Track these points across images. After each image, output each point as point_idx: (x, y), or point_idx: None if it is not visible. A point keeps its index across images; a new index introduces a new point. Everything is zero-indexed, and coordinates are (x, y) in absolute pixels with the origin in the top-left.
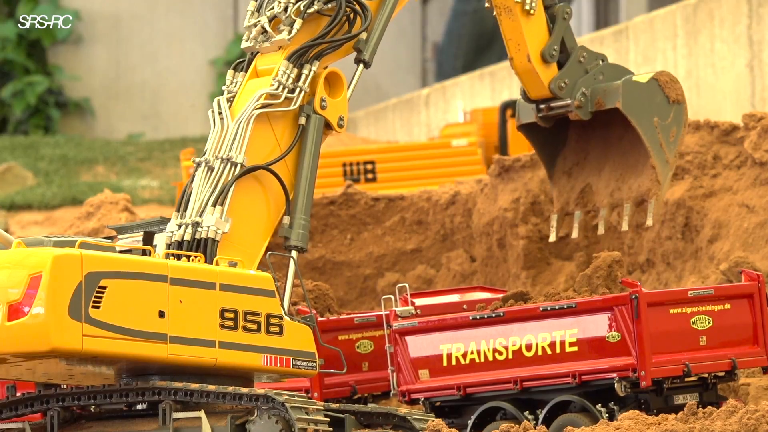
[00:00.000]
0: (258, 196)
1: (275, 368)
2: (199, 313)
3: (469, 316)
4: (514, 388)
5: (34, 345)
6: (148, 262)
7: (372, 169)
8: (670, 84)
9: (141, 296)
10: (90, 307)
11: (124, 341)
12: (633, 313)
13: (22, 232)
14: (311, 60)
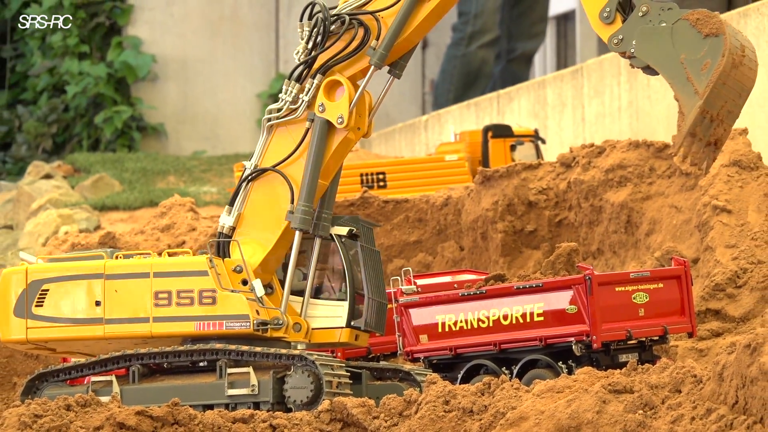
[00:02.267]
0: (271, 193)
1: (208, 332)
2: (133, 297)
3: (459, 293)
4: (494, 349)
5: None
6: (84, 266)
7: (383, 179)
8: (702, 20)
9: (79, 292)
10: (34, 306)
11: (64, 328)
12: (587, 291)
13: (111, 227)
14: (314, 74)
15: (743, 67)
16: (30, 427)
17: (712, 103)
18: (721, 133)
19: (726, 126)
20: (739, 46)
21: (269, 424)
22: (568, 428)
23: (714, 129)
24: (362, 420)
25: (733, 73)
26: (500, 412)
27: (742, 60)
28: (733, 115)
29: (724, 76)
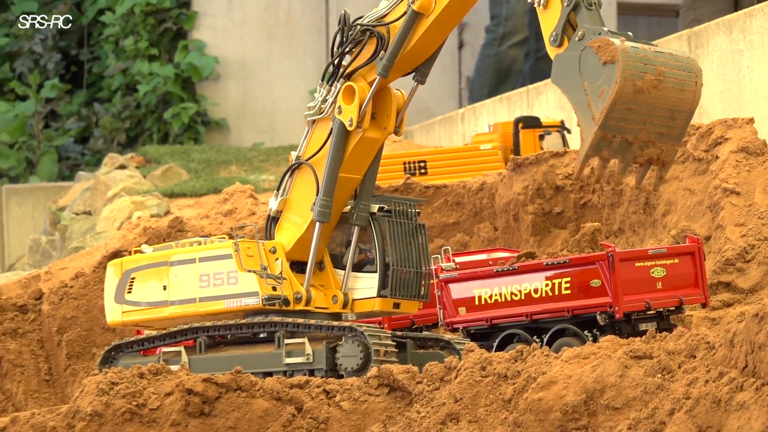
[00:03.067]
0: (308, 183)
1: (232, 308)
2: (186, 281)
3: (493, 269)
4: (525, 320)
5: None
6: (156, 255)
7: (424, 166)
8: (602, 48)
9: (153, 278)
10: (126, 292)
11: (144, 310)
12: (609, 266)
13: (179, 212)
14: (339, 79)
15: (663, 90)
16: (107, 394)
17: (611, 127)
18: (657, 153)
19: (662, 146)
20: (651, 71)
21: (323, 390)
22: (593, 391)
23: (643, 150)
24: (407, 385)
25: (639, 98)
26: (532, 377)
27: (658, 84)
28: (671, 135)
29: (623, 102)
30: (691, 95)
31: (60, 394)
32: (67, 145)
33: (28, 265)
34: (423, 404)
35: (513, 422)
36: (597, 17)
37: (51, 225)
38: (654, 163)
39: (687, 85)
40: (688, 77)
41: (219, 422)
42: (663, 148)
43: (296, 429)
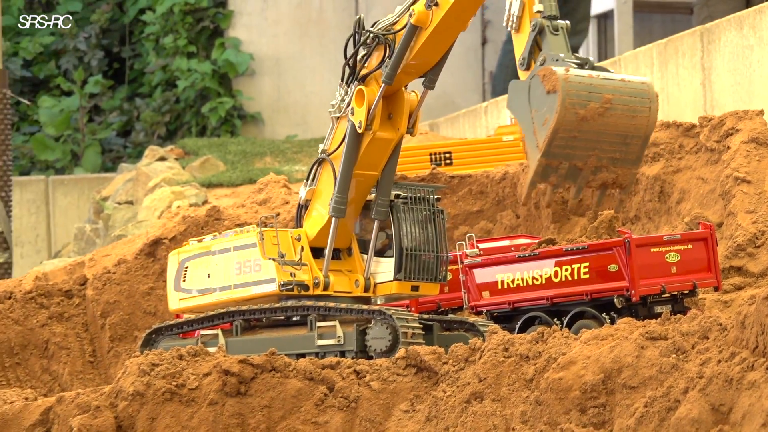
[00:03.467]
0: (330, 176)
1: (257, 295)
2: (225, 269)
3: (515, 255)
4: (546, 303)
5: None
6: (203, 246)
7: (449, 157)
8: (546, 77)
9: (201, 267)
10: (181, 281)
11: (194, 298)
12: (626, 252)
13: (216, 201)
14: (353, 81)
15: (611, 117)
16: (148, 374)
17: (555, 154)
18: (613, 177)
19: (617, 170)
20: (596, 99)
21: (353, 370)
22: (611, 370)
23: (595, 175)
24: (433, 365)
25: (583, 126)
26: (552, 357)
27: (604, 112)
28: (627, 160)
29: (565, 130)
30: (644, 121)
31: (104, 374)
32: (110, 138)
33: (74, 252)
34: (449, 384)
35: (534, 400)
36: (561, 42)
37: (95, 214)
38: (611, 186)
39: (639, 111)
40: (641, 103)
41: (254, 401)
42: (619, 172)
43: (328, 407)
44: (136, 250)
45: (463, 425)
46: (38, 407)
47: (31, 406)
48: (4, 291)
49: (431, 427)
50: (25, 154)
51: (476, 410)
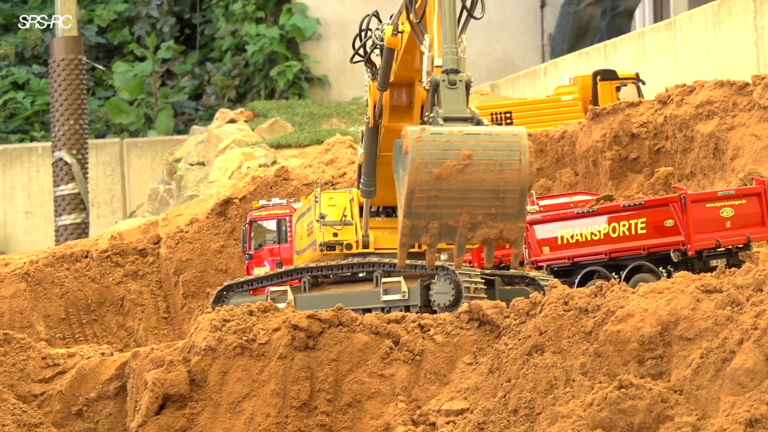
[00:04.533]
0: None
1: (307, 257)
2: (302, 231)
3: (574, 211)
4: (605, 258)
5: None
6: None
7: (510, 117)
8: (403, 138)
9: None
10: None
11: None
12: (682, 207)
13: (285, 162)
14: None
15: (474, 173)
16: (219, 330)
17: (418, 215)
18: (496, 232)
19: (500, 225)
20: (454, 156)
21: (418, 324)
22: (667, 323)
23: (475, 232)
24: (495, 319)
25: (442, 184)
26: (611, 311)
27: (463, 168)
28: (507, 214)
29: (421, 190)
30: (514, 174)
31: (177, 330)
32: (182, 101)
33: (148, 212)
34: (510, 337)
35: (594, 353)
36: (458, 97)
37: (168, 175)
38: (496, 242)
39: (508, 165)
40: (509, 156)
41: (322, 355)
42: (501, 227)
43: (393, 361)
44: (208, 210)
45: (525, 377)
46: (114, 362)
47: (108, 361)
48: (81, 250)
49: (494, 379)
50: (101, 118)
51: (537, 362)
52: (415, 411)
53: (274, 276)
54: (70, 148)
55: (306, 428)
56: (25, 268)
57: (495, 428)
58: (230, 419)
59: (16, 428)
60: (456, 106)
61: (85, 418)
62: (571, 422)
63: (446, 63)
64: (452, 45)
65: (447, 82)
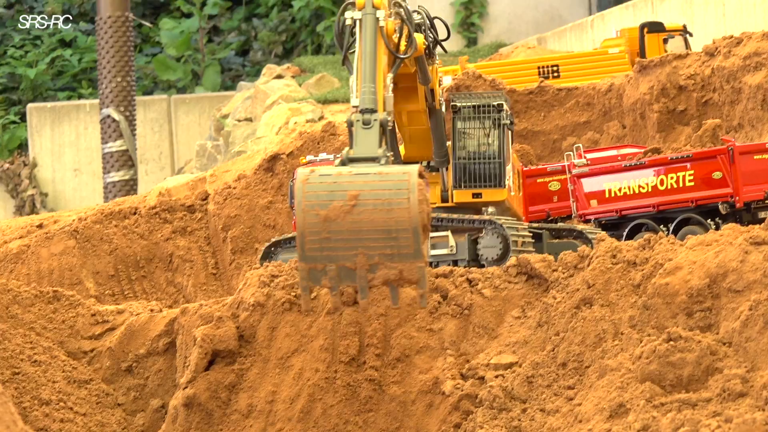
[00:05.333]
0: None
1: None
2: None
3: (622, 164)
4: (653, 210)
5: None
6: None
7: (557, 70)
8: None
9: None
10: None
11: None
12: (730, 159)
13: (332, 117)
14: None
15: (362, 214)
16: (267, 285)
17: (313, 258)
18: (396, 273)
19: (399, 266)
20: (341, 197)
21: (466, 278)
22: (716, 275)
23: (375, 273)
24: (543, 273)
25: (332, 226)
26: (659, 263)
27: (351, 209)
28: (405, 254)
29: (310, 232)
30: (404, 213)
31: (226, 286)
32: (229, 57)
33: (196, 169)
34: (558, 290)
35: (642, 305)
36: (371, 137)
37: (215, 131)
38: (399, 283)
39: (396, 204)
40: (398, 195)
41: (371, 310)
42: (401, 268)
43: (442, 315)
44: (256, 166)
45: (573, 330)
46: (163, 318)
47: (157, 317)
48: (129, 207)
49: (542, 333)
50: (148, 75)
51: (585, 316)
52: (464, 365)
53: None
54: (117, 105)
55: (355, 383)
56: (74, 226)
57: (544, 382)
58: (279, 374)
59: (67, 385)
60: (367, 147)
61: (134, 374)
62: (619, 375)
63: (362, 102)
64: (370, 84)
65: (362, 121)
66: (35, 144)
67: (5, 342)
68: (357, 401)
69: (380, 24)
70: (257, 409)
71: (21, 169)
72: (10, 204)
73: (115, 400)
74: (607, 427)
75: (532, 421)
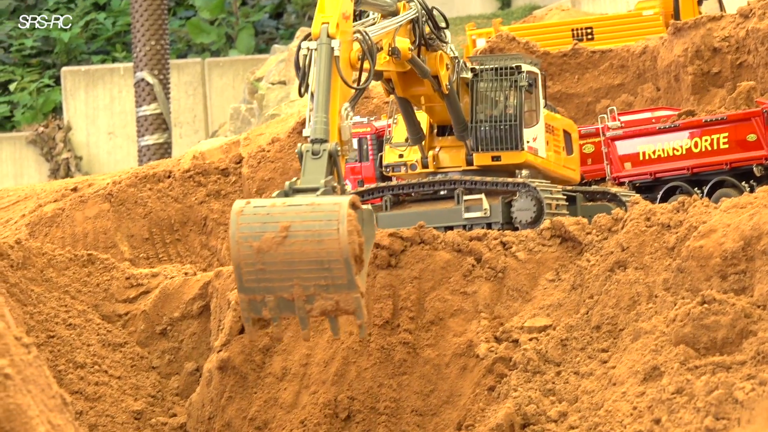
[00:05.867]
0: None
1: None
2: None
3: (656, 126)
4: (687, 173)
5: None
6: None
7: (591, 32)
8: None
9: None
10: None
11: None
12: (764, 122)
13: None
14: None
15: (294, 245)
16: None
17: (251, 289)
18: (332, 304)
19: (334, 296)
20: (272, 228)
21: (500, 241)
22: (750, 238)
23: (312, 304)
24: (577, 235)
25: (266, 258)
26: (693, 226)
27: (282, 241)
28: (339, 285)
29: (246, 264)
30: (334, 244)
31: None
32: (263, 20)
33: (230, 132)
34: (592, 253)
35: (676, 268)
36: (318, 167)
37: (249, 94)
38: (336, 314)
39: (326, 234)
40: (328, 226)
41: (404, 273)
42: (337, 298)
43: (476, 278)
44: (289, 129)
45: (607, 293)
46: (197, 282)
47: (191, 280)
48: (163, 170)
49: (576, 296)
50: (182, 38)
51: (619, 278)
52: (498, 328)
53: (356, 194)
54: (151, 68)
55: (389, 346)
56: (109, 189)
57: (578, 344)
58: (313, 338)
59: (101, 348)
60: (313, 177)
61: (168, 337)
62: (653, 338)
63: (313, 132)
64: (323, 114)
65: (311, 151)
66: (69, 107)
67: (40, 305)
68: (391, 364)
69: (335, 53)
70: (291, 372)
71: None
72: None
73: (149, 363)
74: (641, 390)
75: (566, 384)
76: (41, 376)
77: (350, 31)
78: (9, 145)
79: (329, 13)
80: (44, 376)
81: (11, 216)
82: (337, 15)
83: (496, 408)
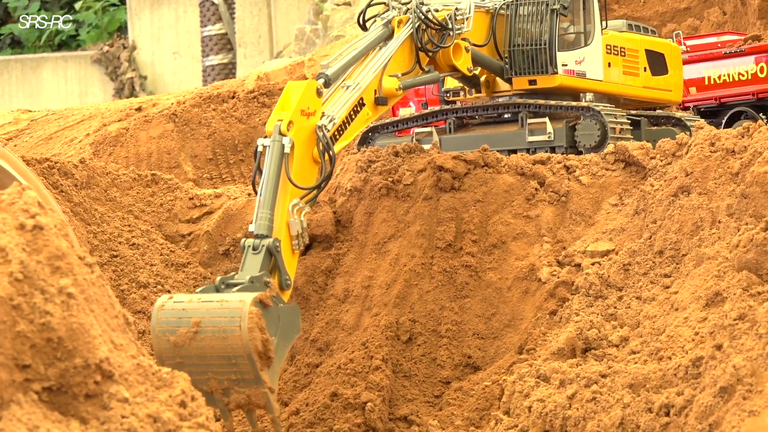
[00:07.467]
0: None
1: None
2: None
3: (722, 51)
4: (752, 98)
5: None
6: None
7: None
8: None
9: None
10: None
11: None
12: None
13: None
14: None
15: (204, 340)
16: (365, 171)
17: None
18: (245, 398)
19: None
20: (186, 323)
21: (563, 165)
22: None
23: (229, 397)
24: (641, 160)
25: (182, 351)
26: (758, 152)
27: (194, 336)
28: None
29: (166, 357)
30: (237, 340)
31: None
32: None
33: (294, 53)
34: (656, 178)
35: (740, 194)
36: (254, 262)
37: (314, 15)
38: (250, 408)
39: (230, 331)
40: (231, 322)
41: (467, 196)
42: (248, 393)
43: (539, 201)
44: None
45: (671, 218)
46: None
47: (254, 201)
48: (228, 91)
49: (639, 220)
50: None
51: (683, 203)
52: (560, 252)
53: (420, 117)
54: None
55: (451, 269)
56: (173, 109)
57: (640, 269)
58: (376, 260)
59: (164, 268)
60: (249, 272)
61: (231, 258)
62: (716, 264)
63: (257, 228)
64: (267, 211)
65: (252, 246)
66: (134, 27)
67: (104, 225)
68: (453, 287)
69: (285, 151)
70: (353, 294)
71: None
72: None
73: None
74: (703, 315)
75: (627, 309)
76: (104, 295)
77: (310, 126)
78: (74, 63)
79: (286, 108)
80: (107, 295)
81: (76, 135)
82: (292, 112)
83: (558, 332)
